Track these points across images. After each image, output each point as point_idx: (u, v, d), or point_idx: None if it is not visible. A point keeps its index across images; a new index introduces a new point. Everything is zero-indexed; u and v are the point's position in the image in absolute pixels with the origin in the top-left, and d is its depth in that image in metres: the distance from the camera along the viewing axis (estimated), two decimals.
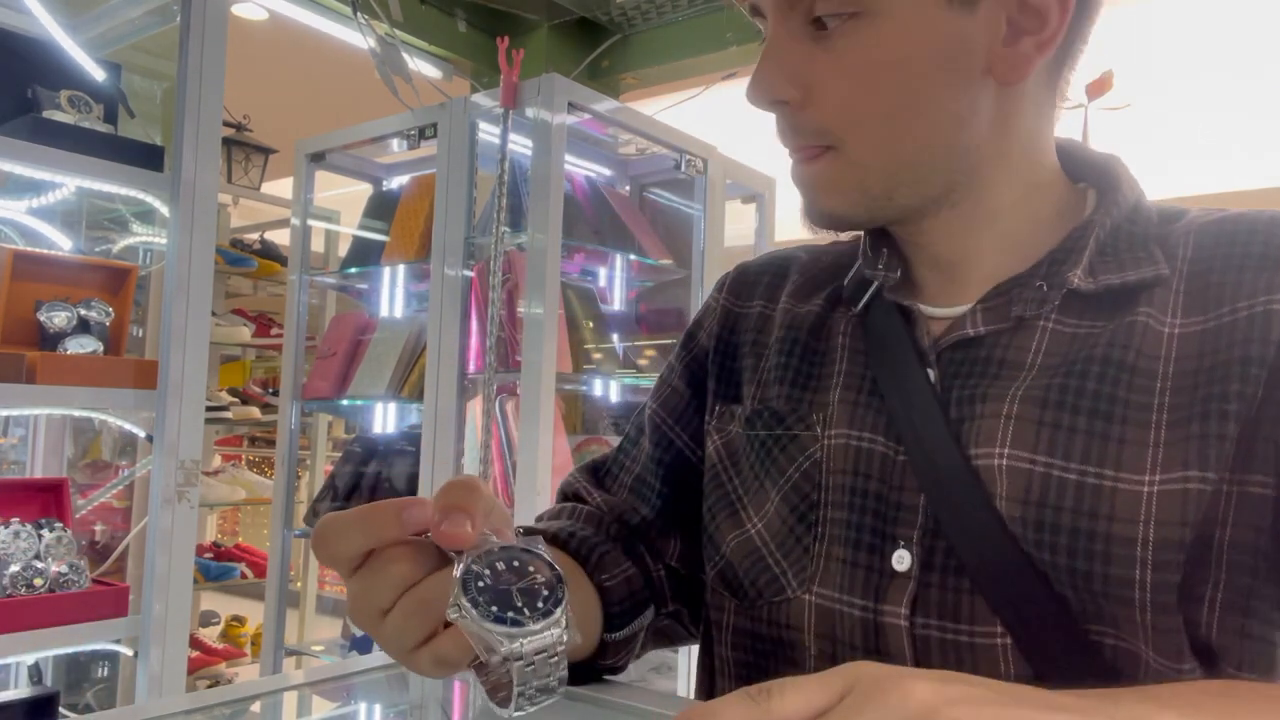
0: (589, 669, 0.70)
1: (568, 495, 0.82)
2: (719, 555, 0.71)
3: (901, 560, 0.60)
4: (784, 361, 0.71)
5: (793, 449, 0.67)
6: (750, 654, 0.69)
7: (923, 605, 0.59)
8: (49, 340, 1.64)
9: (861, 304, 0.68)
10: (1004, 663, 0.57)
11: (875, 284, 0.67)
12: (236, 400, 3.43)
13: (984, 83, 0.59)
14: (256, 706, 0.65)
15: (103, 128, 1.75)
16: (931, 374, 0.62)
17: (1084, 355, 0.58)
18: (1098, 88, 1.78)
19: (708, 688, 0.75)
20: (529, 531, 0.71)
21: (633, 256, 2.49)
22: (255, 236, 3.58)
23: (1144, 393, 0.56)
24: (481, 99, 2.25)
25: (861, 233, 0.71)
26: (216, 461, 3.94)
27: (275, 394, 3.45)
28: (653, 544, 0.77)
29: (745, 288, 0.79)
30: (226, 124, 3.41)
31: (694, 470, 0.77)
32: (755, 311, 0.77)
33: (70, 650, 1.90)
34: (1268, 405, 0.53)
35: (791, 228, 0.73)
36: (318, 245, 3.01)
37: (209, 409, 2.61)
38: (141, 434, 1.85)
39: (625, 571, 0.71)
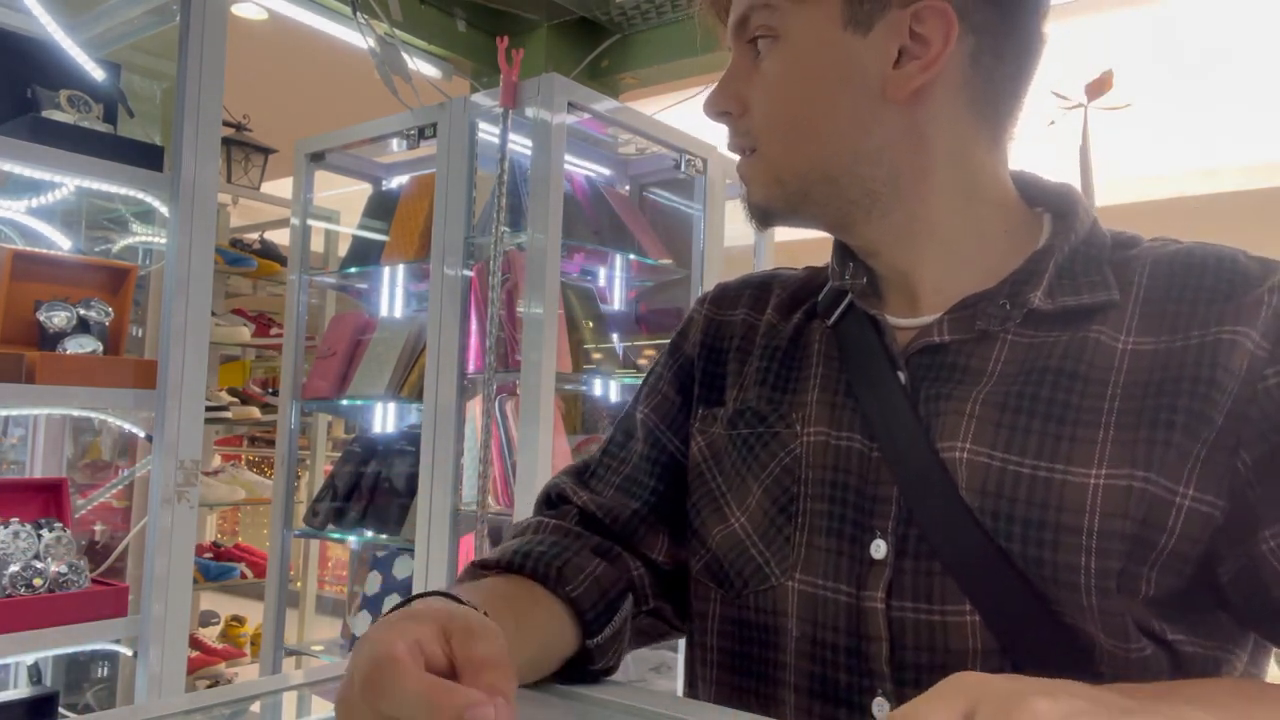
0: (581, 672, 0.71)
1: (551, 497, 0.84)
2: (705, 549, 0.75)
3: (878, 549, 0.65)
4: (764, 366, 0.77)
5: (774, 445, 0.73)
6: (735, 641, 0.73)
7: (898, 589, 0.64)
8: (48, 340, 1.64)
9: (835, 316, 0.75)
10: (972, 638, 0.61)
11: (847, 298, 0.74)
12: (236, 400, 3.43)
13: (884, 101, 0.66)
14: (256, 706, 0.65)
15: (102, 127, 1.75)
16: (902, 377, 0.68)
17: (1040, 365, 0.64)
18: (1098, 88, 1.78)
19: (691, 678, 0.79)
20: (483, 565, 0.73)
21: (632, 256, 2.49)
22: (255, 236, 3.58)
23: (1095, 399, 0.62)
24: (481, 99, 2.25)
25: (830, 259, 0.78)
26: (216, 461, 3.93)
27: (275, 394, 3.45)
28: (641, 540, 0.79)
29: (727, 300, 0.85)
30: (226, 124, 3.41)
31: (685, 472, 0.81)
32: (739, 319, 0.83)
33: (70, 650, 1.90)
34: (1225, 434, 0.59)
35: (791, 228, 0.75)
36: (317, 245, 3.00)
37: (209, 409, 2.61)
38: (141, 434, 1.85)
39: (592, 573, 0.73)
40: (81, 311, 1.67)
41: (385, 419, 2.61)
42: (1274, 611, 0.59)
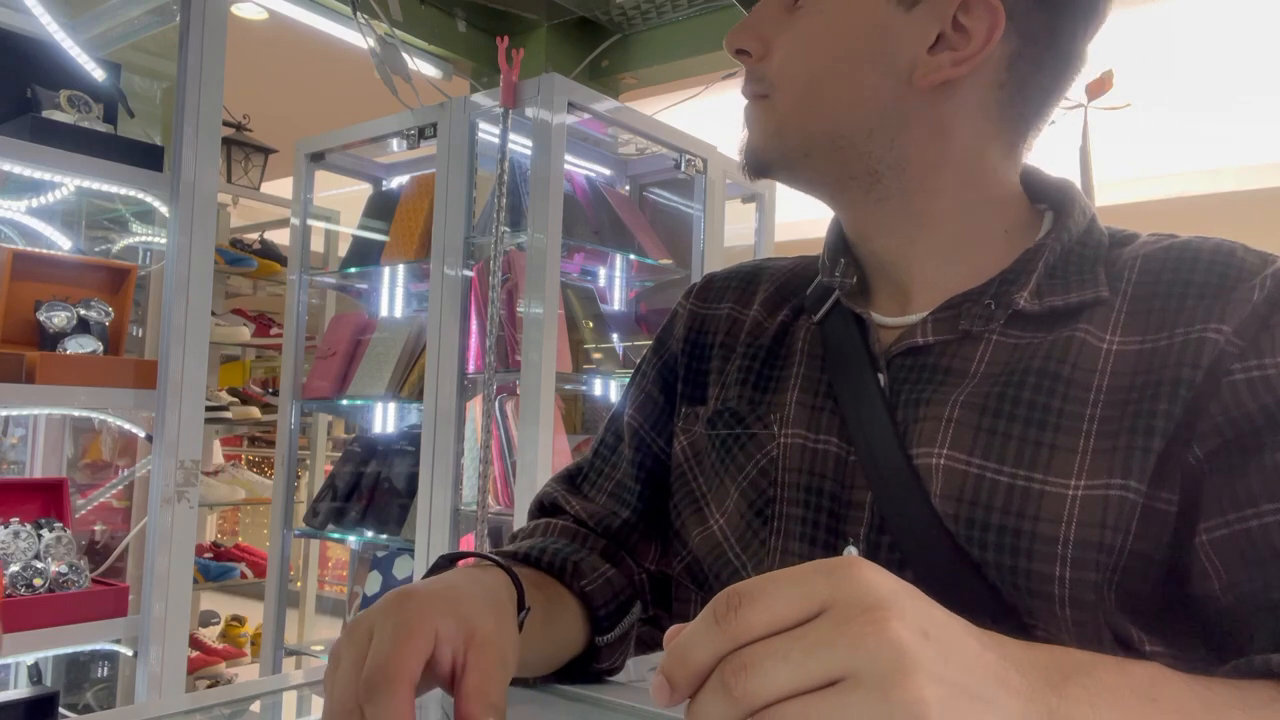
0: (585, 671, 0.71)
1: (545, 506, 0.84)
2: (686, 551, 0.75)
3: (850, 555, 0.64)
4: (746, 365, 0.75)
5: (751, 447, 0.71)
6: None
7: None
8: (49, 340, 1.64)
9: (821, 313, 0.72)
10: None
11: (835, 295, 0.72)
12: (236, 400, 3.43)
13: (908, 85, 0.64)
14: (256, 706, 0.65)
15: (102, 127, 1.75)
16: (882, 378, 0.66)
17: (1023, 366, 0.62)
18: (1097, 88, 1.78)
19: None
20: (500, 555, 0.71)
21: (632, 256, 2.49)
22: (255, 236, 3.58)
23: (1077, 403, 0.60)
24: (481, 99, 2.25)
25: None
26: (218, 460, 3.93)
27: (275, 394, 3.45)
28: (634, 548, 0.79)
29: (713, 292, 0.83)
30: (226, 124, 3.41)
31: (670, 473, 0.79)
32: (724, 313, 0.80)
33: (70, 650, 1.90)
34: (1183, 428, 0.56)
35: (792, 228, 0.74)
36: (317, 245, 3.00)
37: (209, 409, 2.61)
38: (141, 434, 1.85)
39: (605, 574, 0.73)
40: (81, 311, 1.67)
41: (385, 419, 2.61)
42: (1199, 610, 0.56)
